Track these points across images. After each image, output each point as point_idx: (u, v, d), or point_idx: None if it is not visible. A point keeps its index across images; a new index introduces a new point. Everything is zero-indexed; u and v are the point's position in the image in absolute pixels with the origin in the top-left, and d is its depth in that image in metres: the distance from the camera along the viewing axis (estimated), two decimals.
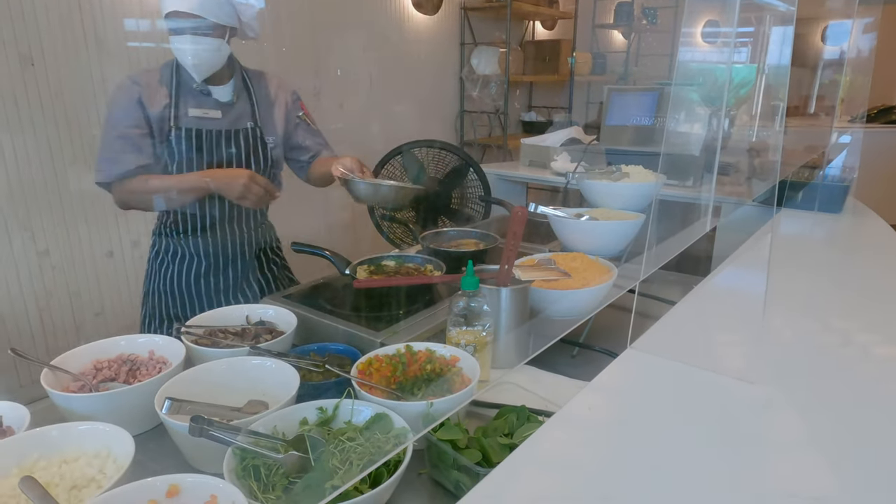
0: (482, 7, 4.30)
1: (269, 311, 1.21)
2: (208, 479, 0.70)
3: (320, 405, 0.87)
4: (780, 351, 1.00)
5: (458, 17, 4.27)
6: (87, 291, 2.52)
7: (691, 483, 0.67)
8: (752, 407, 0.82)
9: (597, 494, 0.66)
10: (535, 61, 4.82)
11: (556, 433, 0.79)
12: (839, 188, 1.81)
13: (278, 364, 0.98)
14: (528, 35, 5.10)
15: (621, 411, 0.84)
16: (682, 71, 1.23)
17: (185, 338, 1.07)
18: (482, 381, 1.10)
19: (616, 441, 0.77)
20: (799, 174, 1.85)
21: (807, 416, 0.81)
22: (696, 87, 1.68)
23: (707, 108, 1.64)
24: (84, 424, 0.81)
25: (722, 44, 1.60)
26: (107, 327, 2.55)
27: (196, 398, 0.87)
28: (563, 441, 0.78)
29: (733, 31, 1.23)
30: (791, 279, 1.37)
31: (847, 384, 0.90)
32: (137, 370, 1.03)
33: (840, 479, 0.68)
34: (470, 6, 4.28)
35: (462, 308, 1.08)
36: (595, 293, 1.19)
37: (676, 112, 1.82)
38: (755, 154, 2.38)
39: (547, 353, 1.23)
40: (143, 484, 0.69)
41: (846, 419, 0.80)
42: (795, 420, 0.80)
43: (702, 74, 1.67)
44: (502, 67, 4.24)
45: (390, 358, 1.02)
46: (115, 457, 0.79)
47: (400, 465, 0.74)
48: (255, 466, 0.75)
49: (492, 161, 4.35)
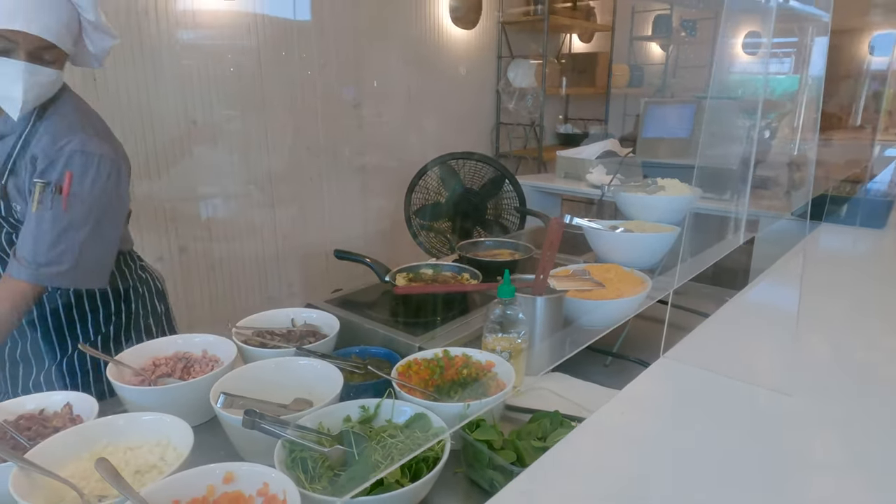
0: (519, 21, 4.34)
1: (312, 315, 1.27)
2: (262, 467, 0.75)
3: (363, 404, 0.91)
4: (815, 365, 1.00)
5: (495, 31, 4.33)
6: None
7: (721, 491, 0.69)
8: (783, 418, 0.83)
9: (627, 496, 0.69)
10: (572, 74, 4.83)
11: (587, 437, 0.82)
12: (882, 203, 1.78)
13: (324, 365, 1.04)
14: (566, 48, 5.12)
15: (653, 418, 0.86)
16: (718, 82, 1.25)
17: (236, 337, 1.13)
18: (516, 387, 1.14)
19: (647, 447, 0.79)
20: (840, 188, 1.83)
21: (838, 430, 0.81)
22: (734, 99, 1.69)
23: (745, 120, 1.64)
24: (148, 415, 0.88)
25: (762, 54, 1.59)
26: None
27: (246, 395, 0.93)
28: (594, 445, 0.81)
29: (769, 41, 1.25)
30: (829, 294, 1.36)
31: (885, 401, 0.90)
32: (192, 367, 1.10)
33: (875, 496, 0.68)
34: (508, 20, 4.33)
35: (498, 315, 1.12)
36: (628, 304, 1.21)
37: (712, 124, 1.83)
38: (795, 168, 2.35)
39: (581, 362, 1.25)
40: (202, 470, 0.75)
41: (881, 438, 0.81)
42: (828, 434, 0.80)
43: (741, 86, 1.68)
44: (538, 80, 4.28)
45: (428, 362, 1.07)
46: (174, 446, 0.85)
47: (438, 462, 0.78)
48: (303, 458, 0.80)
49: (527, 173, 4.37)
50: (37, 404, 0.94)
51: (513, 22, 4.34)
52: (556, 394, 1.12)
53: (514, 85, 4.30)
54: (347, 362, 1.08)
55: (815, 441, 0.80)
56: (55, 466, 0.78)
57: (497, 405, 0.97)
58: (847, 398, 0.91)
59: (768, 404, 0.86)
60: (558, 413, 0.96)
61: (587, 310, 1.21)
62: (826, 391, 0.92)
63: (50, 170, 1.24)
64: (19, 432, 0.87)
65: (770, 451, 0.76)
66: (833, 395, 0.91)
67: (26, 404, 0.94)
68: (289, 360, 1.06)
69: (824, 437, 0.80)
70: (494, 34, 4.34)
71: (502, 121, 4.50)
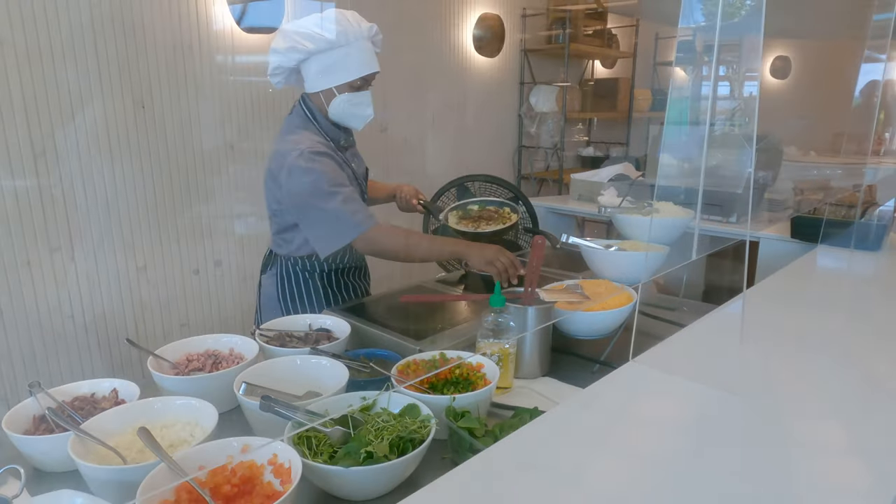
0: (542, 49, 4.50)
1: (327, 321, 1.42)
2: (272, 441, 0.89)
3: (363, 395, 1.05)
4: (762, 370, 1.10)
5: (518, 58, 4.50)
6: (176, 303, 2.85)
7: (655, 471, 0.79)
8: (726, 412, 0.93)
9: (571, 464, 0.80)
10: (594, 98, 4.96)
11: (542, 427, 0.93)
12: (877, 226, 1.85)
13: (332, 363, 1.18)
14: (588, 73, 5.26)
15: (607, 412, 0.96)
16: (675, 105, 1.37)
17: (259, 338, 1.28)
18: (505, 388, 1.26)
19: (595, 432, 0.90)
20: (835, 212, 1.90)
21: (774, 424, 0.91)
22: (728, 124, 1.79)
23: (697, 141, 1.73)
24: (180, 399, 1.03)
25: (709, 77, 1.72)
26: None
27: (265, 386, 1.07)
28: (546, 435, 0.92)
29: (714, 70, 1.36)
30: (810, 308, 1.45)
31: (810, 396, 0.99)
32: (220, 363, 1.25)
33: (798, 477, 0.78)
34: (530, 48, 4.49)
35: (490, 322, 1.24)
36: (613, 315, 1.32)
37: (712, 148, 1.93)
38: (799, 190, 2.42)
39: (570, 369, 1.37)
40: (223, 442, 0.89)
41: (807, 428, 0.90)
42: (766, 428, 0.90)
43: (692, 109, 1.78)
44: (560, 105, 4.42)
45: (426, 362, 1.20)
46: (202, 425, 0.99)
47: (423, 443, 0.91)
48: (308, 437, 0.93)
49: (548, 195, 4.49)
50: (89, 388, 1.10)
51: (535, 49, 4.50)
52: (541, 395, 1.23)
53: (535, 109, 4.45)
54: (355, 362, 1.22)
55: (755, 433, 0.89)
56: (103, 437, 0.93)
57: (484, 402, 1.09)
58: (784, 397, 1.00)
59: (716, 402, 0.96)
60: (537, 409, 1.07)
61: (575, 320, 1.33)
62: (767, 391, 1.01)
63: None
64: (75, 411, 1.03)
65: (711, 441, 0.86)
66: (773, 395, 1.00)
67: (81, 388, 1.10)
68: (303, 358, 1.20)
69: (763, 430, 0.90)
70: (517, 61, 4.50)
71: (524, 144, 4.65)
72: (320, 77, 1.63)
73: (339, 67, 1.61)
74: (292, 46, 1.59)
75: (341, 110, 1.66)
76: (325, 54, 1.60)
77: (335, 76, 1.62)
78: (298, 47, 1.58)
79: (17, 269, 2.39)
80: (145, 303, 2.75)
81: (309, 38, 1.57)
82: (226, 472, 0.85)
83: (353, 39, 1.59)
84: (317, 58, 1.60)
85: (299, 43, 1.58)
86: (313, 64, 1.61)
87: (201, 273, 2.93)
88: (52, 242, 2.46)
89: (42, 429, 1.00)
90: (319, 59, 1.60)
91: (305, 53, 1.59)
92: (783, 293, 1.57)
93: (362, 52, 1.62)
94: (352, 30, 1.59)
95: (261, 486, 0.84)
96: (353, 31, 1.59)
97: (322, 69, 1.61)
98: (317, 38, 1.57)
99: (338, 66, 1.61)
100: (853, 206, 1.85)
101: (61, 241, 2.48)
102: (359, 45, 1.61)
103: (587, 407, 0.96)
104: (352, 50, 1.60)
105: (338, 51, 1.59)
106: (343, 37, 1.58)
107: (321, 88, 1.64)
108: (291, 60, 1.62)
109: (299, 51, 1.59)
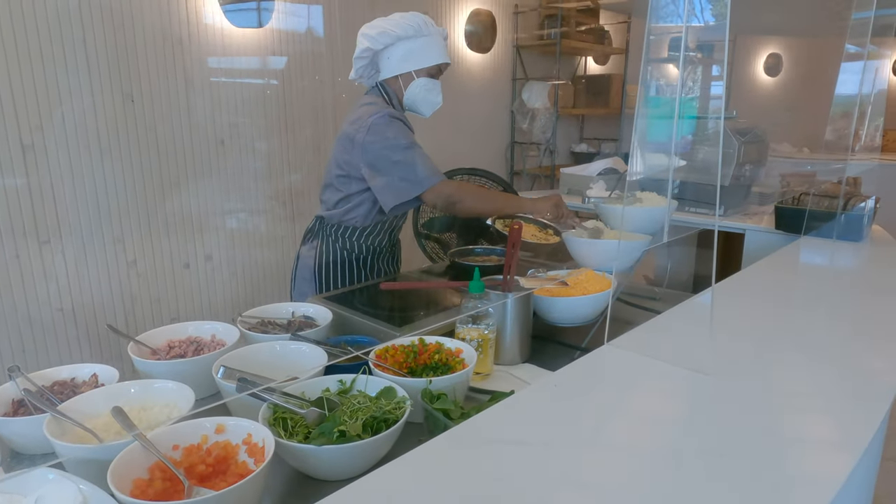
0: (534, 45, 4.52)
1: (310, 309, 1.43)
2: (247, 421, 0.90)
3: (341, 378, 1.06)
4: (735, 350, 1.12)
5: (510, 54, 4.51)
6: (166, 297, 2.86)
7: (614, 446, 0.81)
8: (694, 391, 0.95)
9: (539, 440, 0.81)
10: (586, 95, 4.98)
11: (517, 402, 0.95)
12: (859, 217, 1.86)
13: (311, 348, 1.19)
14: (581, 70, 5.27)
15: (578, 389, 0.98)
16: (650, 98, 1.38)
17: (241, 325, 1.29)
18: (485, 374, 1.27)
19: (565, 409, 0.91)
20: (818, 202, 1.92)
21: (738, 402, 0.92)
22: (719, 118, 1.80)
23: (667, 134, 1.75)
24: (158, 382, 1.04)
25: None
26: None
27: (244, 370, 1.08)
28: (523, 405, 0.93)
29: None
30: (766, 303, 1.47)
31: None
32: (201, 350, 1.26)
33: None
34: (522, 44, 4.50)
35: (469, 308, 1.25)
36: (591, 301, 1.33)
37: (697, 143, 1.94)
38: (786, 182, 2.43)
39: (551, 355, 1.38)
40: (198, 422, 0.90)
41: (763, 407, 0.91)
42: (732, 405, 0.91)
43: (664, 102, 1.80)
44: (552, 101, 4.43)
45: (405, 347, 1.21)
46: (179, 408, 1.00)
47: (397, 422, 0.92)
48: (284, 419, 0.94)
49: (541, 190, 4.50)
50: (69, 373, 1.11)
51: (527, 46, 4.51)
52: (521, 379, 1.24)
53: (528, 105, 4.46)
54: (335, 348, 1.23)
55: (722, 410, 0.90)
56: (81, 420, 0.94)
57: (461, 385, 1.10)
58: (751, 377, 1.01)
59: (686, 381, 0.97)
60: (513, 392, 1.08)
61: (553, 306, 1.34)
62: (735, 372, 1.03)
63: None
64: (54, 395, 1.04)
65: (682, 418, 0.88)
66: (742, 375, 1.02)
67: (61, 373, 1.11)
68: (283, 343, 1.21)
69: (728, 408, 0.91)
70: (509, 57, 4.52)
71: (517, 140, 4.66)
72: (403, 61, 1.80)
73: (421, 53, 1.80)
74: (383, 31, 1.76)
75: (416, 94, 1.84)
76: (411, 40, 1.78)
77: (418, 60, 1.80)
78: (389, 32, 1.75)
79: (6, 262, 2.39)
80: (135, 296, 2.75)
81: (397, 25, 1.76)
82: (200, 451, 0.86)
83: (433, 32, 1.81)
84: (403, 43, 1.78)
85: (389, 29, 1.75)
86: (399, 48, 1.79)
87: (191, 267, 2.94)
88: (41, 236, 2.46)
89: (21, 412, 1.01)
90: (405, 44, 1.78)
91: (394, 38, 1.77)
92: (760, 282, 1.59)
93: (440, 44, 1.84)
94: (431, 25, 1.81)
95: (235, 466, 0.85)
96: (432, 26, 1.81)
97: (406, 53, 1.79)
98: (404, 26, 1.77)
99: (421, 52, 1.80)
100: (836, 196, 1.87)
101: (50, 235, 2.49)
102: (437, 37, 1.83)
103: (559, 386, 0.98)
104: (432, 40, 1.81)
105: (421, 39, 1.79)
106: (426, 28, 1.79)
107: (404, 71, 1.81)
108: (379, 44, 1.78)
109: (389, 35, 1.76)
